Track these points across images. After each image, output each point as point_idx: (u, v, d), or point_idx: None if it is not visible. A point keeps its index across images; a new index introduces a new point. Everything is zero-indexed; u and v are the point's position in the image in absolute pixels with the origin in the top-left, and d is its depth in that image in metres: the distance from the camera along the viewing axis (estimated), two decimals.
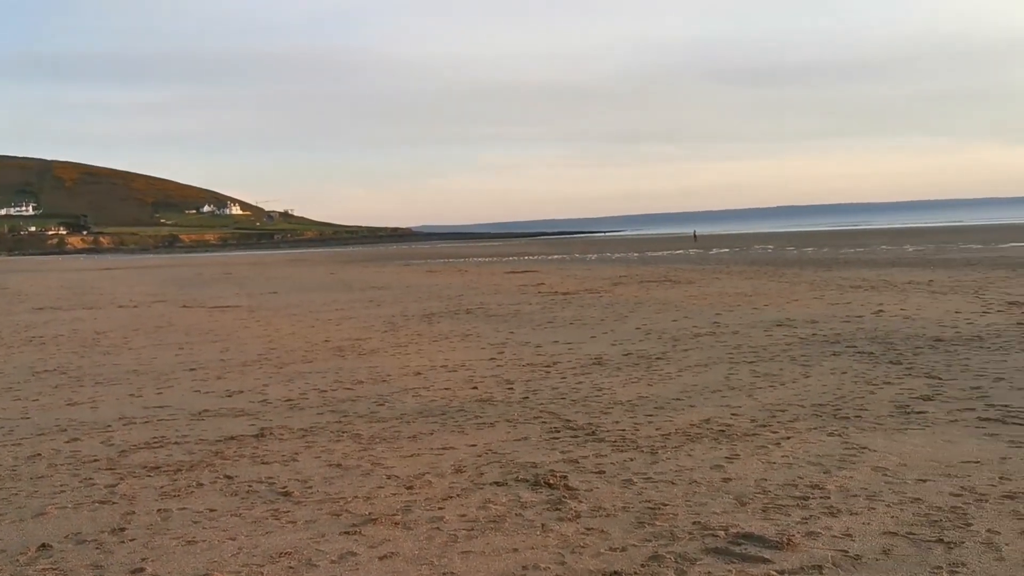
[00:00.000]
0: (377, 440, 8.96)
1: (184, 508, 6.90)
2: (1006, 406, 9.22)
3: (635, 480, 7.13)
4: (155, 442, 9.25)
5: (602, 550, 5.62)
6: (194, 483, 7.60)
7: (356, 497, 6.99)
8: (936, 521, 5.86)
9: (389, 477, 7.55)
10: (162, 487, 7.52)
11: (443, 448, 8.51)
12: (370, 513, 6.55)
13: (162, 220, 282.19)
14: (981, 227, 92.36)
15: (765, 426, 8.84)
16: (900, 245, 57.24)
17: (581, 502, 6.61)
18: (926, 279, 26.96)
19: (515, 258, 68.23)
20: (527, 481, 7.24)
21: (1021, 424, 8.44)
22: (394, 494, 7.04)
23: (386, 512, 6.55)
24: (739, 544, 5.61)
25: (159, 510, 6.87)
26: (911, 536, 5.61)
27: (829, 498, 6.45)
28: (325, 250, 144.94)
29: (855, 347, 13.83)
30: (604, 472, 7.41)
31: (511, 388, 11.62)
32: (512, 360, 14.11)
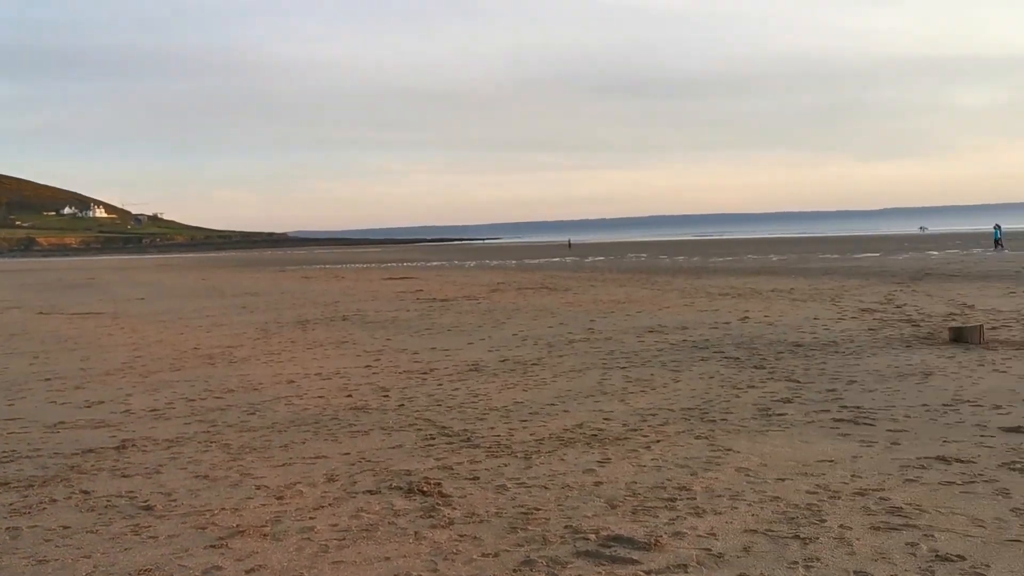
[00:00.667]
0: (247, 450, 8.71)
1: (35, 526, 6.53)
2: (858, 407, 9.74)
3: (509, 485, 7.17)
4: (4, 457, 8.72)
5: (475, 556, 5.63)
6: (47, 499, 7.20)
7: (223, 509, 6.77)
8: (793, 518, 6.12)
9: (259, 487, 7.35)
10: (11, 504, 7.10)
11: (316, 457, 8.35)
12: (237, 525, 6.36)
13: (17, 222, 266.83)
14: (838, 238, 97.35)
15: (636, 430, 9.05)
16: (766, 254, 59.72)
17: (455, 509, 6.60)
18: (788, 287, 28.20)
19: (394, 264, 67.79)
20: (401, 489, 7.18)
21: (871, 424, 8.92)
22: (263, 505, 6.86)
23: (254, 524, 6.37)
24: (609, 546, 5.71)
25: (8, 528, 6.48)
26: (770, 533, 5.84)
27: (695, 499, 6.65)
28: (197, 255, 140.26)
29: (722, 352, 14.33)
30: (478, 478, 7.42)
31: (387, 395, 11.52)
32: (388, 367, 13.99)
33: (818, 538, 5.71)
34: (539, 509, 6.52)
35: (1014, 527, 5.80)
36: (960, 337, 14.32)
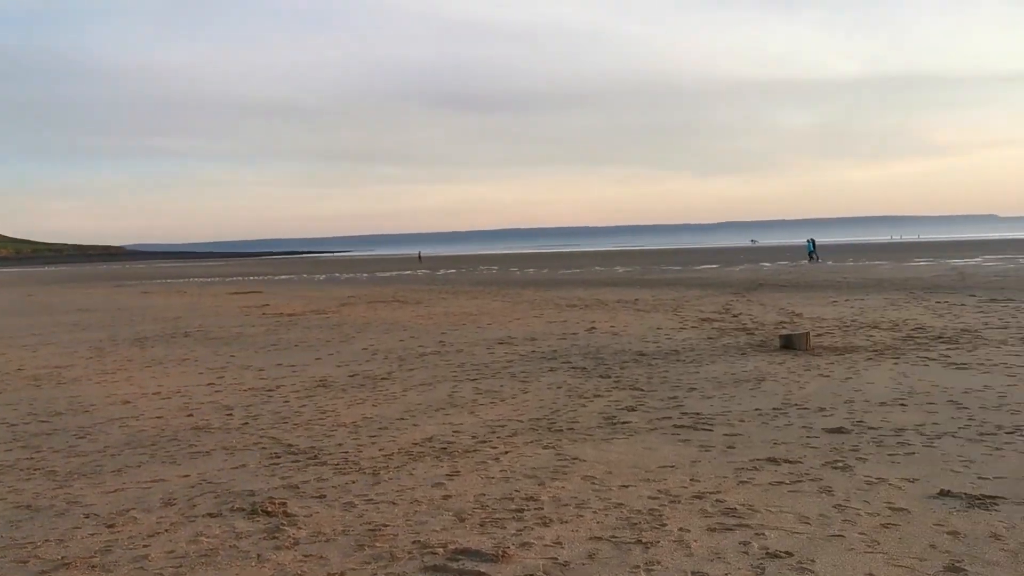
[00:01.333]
0: (75, 476, 8.21)
1: None
2: (697, 414, 10.14)
3: (356, 502, 7.05)
4: None
5: None
6: None
7: (47, 541, 6.35)
8: (636, 524, 6.30)
9: (87, 516, 6.93)
10: None
11: (152, 481, 7.96)
12: (63, 557, 5.97)
13: None
14: (680, 250, 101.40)
15: (485, 442, 9.10)
16: (611, 267, 61.47)
17: (300, 528, 6.44)
18: (633, 298, 29.11)
19: (240, 278, 65.68)
20: (243, 510, 6.94)
21: (709, 429, 9.31)
22: (92, 534, 6.47)
23: (81, 555, 6.00)
24: (457, 560, 5.71)
25: None
26: (614, 539, 5.98)
27: (542, 508, 6.74)
28: (23, 269, 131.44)
29: (570, 362, 14.62)
30: (325, 496, 7.27)
31: (230, 414, 11.12)
32: (232, 385, 13.52)
33: (659, 542, 5.90)
34: (387, 525, 6.44)
35: (836, 523, 6.17)
36: (789, 344, 15.18)
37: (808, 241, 62.59)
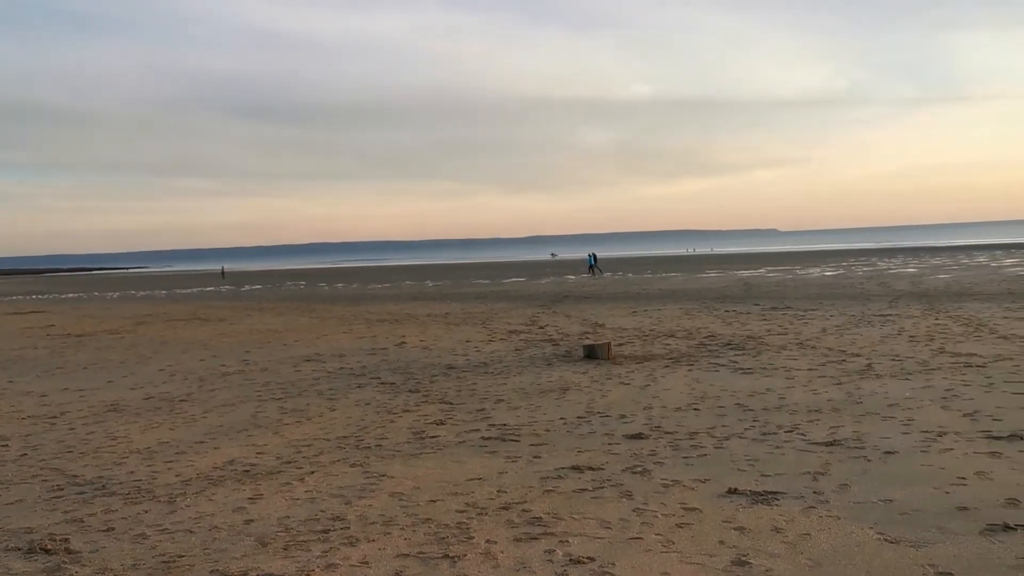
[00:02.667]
0: None
1: None
2: (504, 425, 10.29)
3: (149, 533, 6.64)
4: None
5: None
6: None
7: None
8: (443, 538, 6.29)
9: None
10: None
11: None
12: None
13: None
14: (489, 264, 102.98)
15: (290, 462, 8.83)
16: (422, 281, 61.53)
17: (84, 566, 5.98)
18: (443, 312, 29.25)
19: (20, 297, 60.73)
20: (20, 549, 6.37)
21: (516, 440, 9.47)
22: None
23: None
24: None
25: None
26: (421, 555, 5.95)
27: (349, 528, 6.61)
28: None
29: (379, 378, 14.47)
30: (114, 529, 6.80)
31: (6, 445, 10.23)
32: (8, 413, 12.44)
33: (466, 555, 5.92)
34: (183, 556, 6.10)
35: (635, 526, 6.42)
36: (592, 354, 15.71)
37: (589, 255, 65.04)
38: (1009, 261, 49.81)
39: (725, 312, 24.49)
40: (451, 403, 11.91)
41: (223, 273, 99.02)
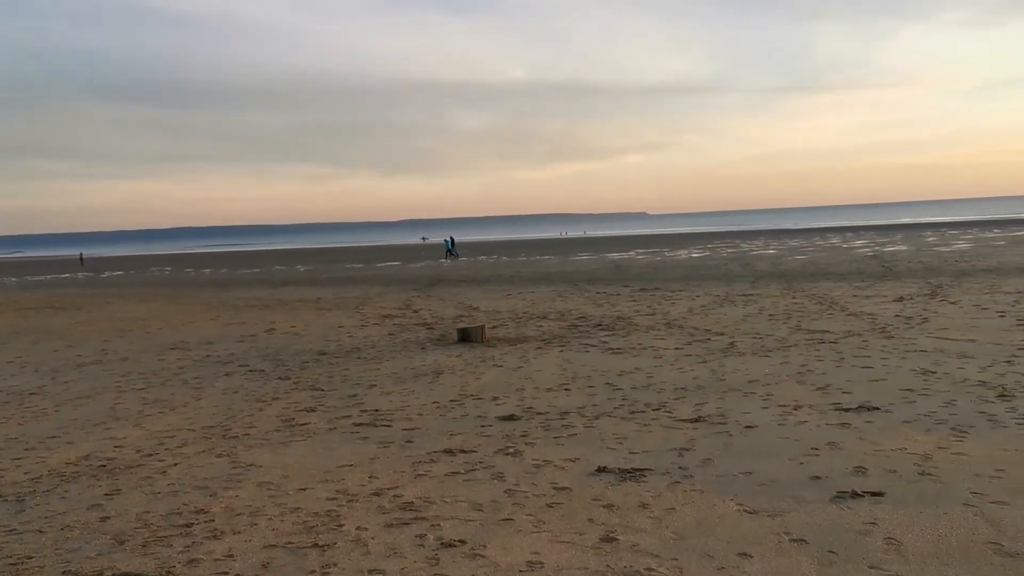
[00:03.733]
0: None
1: None
2: (377, 410, 10.18)
3: None
4: None
5: None
6: None
7: None
8: (313, 527, 6.17)
9: None
10: None
11: None
12: None
13: None
14: (364, 248, 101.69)
15: (152, 455, 8.48)
16: (293, 266, 60.19)
17: None
18: (315, 297, 28.70)
19: None
20: None
21: (388, 425, 9.38)
22: None
23: None
24: None
25: None
26: (289, 545, 5.81)
27: (214, 521, 6.40)
28: None
29: (248, 366, 14.08)
30: None
31: None
32: None
33: (336, 543, 5.82)
34: (31, 557, 5.77)
35: (507, 507, 6.46)
36: (466, 337, 15.73)
37: (446, 240, 65.03)
38: (859, 242, 52.69)
39: (596, 294, 24.96)
40: (322, 389, 11.70)
41: (82, 259, 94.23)
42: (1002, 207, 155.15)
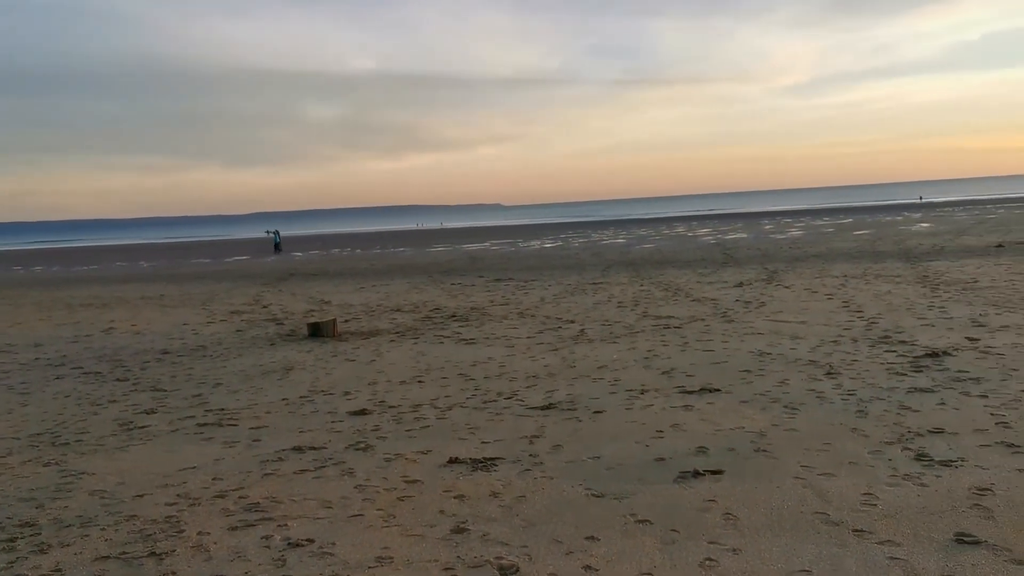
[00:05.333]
0: None
1: None
2: (222, 409, 9.82)
3: None
4: None
5: None
6: None
7: None
8: (150, 535, 5.87)
9: None
10: None
11: None
12: None
13: None
14: (210, 242, 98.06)
15: None
16: (135, 261, 57.38)
17: None
18: (158, 293, 27.46)
19: None
20: None
21: (235, 425, 9.06)
22: None
23: None
24: None
25: None
26: (124, 556, 5.51)
27: (40, 534, 6.00)
28: None
29: (82, 368, 13.31)
30: None
31: None
32: None
33: (175, 550, 5.56)
34: None
35: (357, 503, 6.36)
36: (317, 331, 15.40)
37: (273, 233, 63.77)
38: (703, 231, 54.90)
39: (451, 285, 24.97)
40: (164, 390, 11.19)
41: None
42: (830, 197, 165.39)
